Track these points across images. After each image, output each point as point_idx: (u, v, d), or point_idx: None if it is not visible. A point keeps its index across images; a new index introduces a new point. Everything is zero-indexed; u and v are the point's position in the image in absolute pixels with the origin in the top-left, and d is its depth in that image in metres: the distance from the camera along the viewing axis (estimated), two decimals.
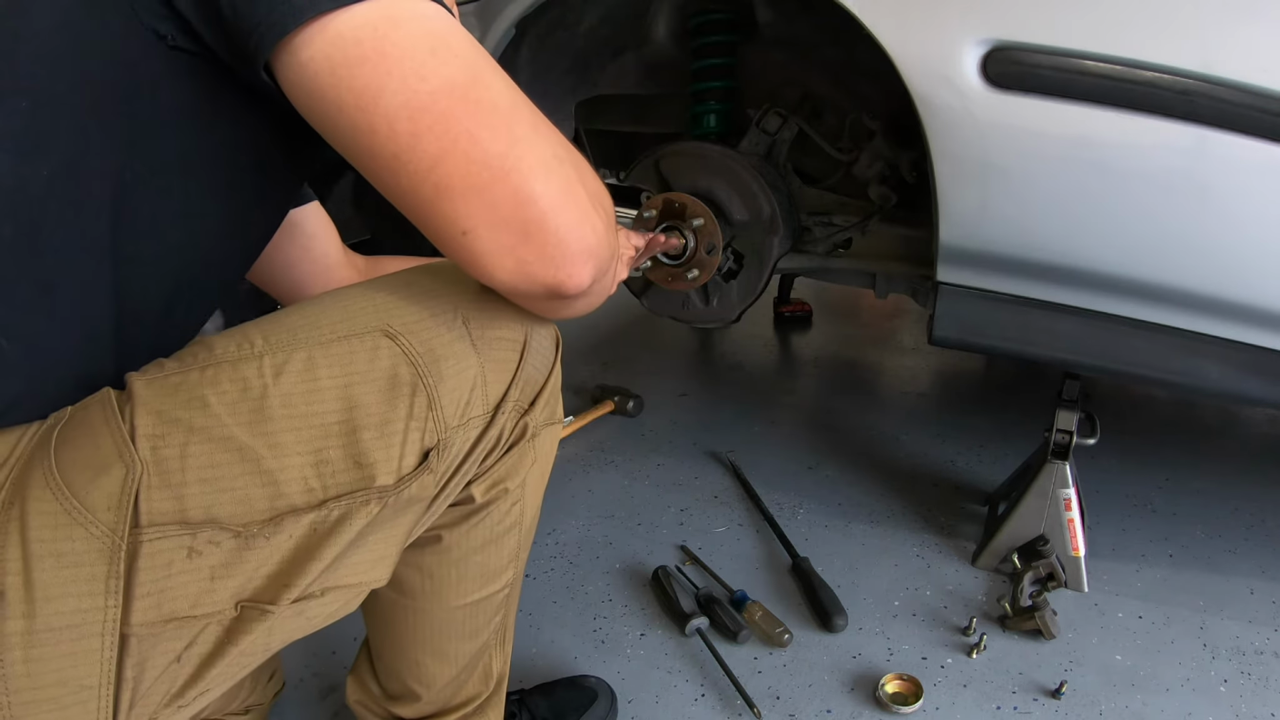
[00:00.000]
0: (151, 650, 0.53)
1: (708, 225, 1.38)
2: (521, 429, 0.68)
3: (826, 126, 1.54)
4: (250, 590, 0.55)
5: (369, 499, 0.57)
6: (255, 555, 0.55)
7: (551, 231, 0.56)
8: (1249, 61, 0.95)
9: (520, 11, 1.40)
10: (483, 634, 0.82)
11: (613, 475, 1.71)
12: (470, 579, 0.75)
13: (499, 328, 0.65)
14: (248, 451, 0.54)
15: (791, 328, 2.67)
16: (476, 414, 0.63)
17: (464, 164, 0.54)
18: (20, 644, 0.50)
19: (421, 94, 0.53)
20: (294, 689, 1.15)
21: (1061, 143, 1.04)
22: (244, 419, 0.55)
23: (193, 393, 0.55)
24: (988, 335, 1.21)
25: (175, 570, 0.53)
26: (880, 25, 1.09)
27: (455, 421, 0.61)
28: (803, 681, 1.15)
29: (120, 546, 0.51)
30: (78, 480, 0.51)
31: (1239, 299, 1.05)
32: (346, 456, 0.56)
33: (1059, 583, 1.28)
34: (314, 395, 0.56)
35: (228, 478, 0.54)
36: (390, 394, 0.57)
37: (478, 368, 0.62)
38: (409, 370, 0.58)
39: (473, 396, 0.62)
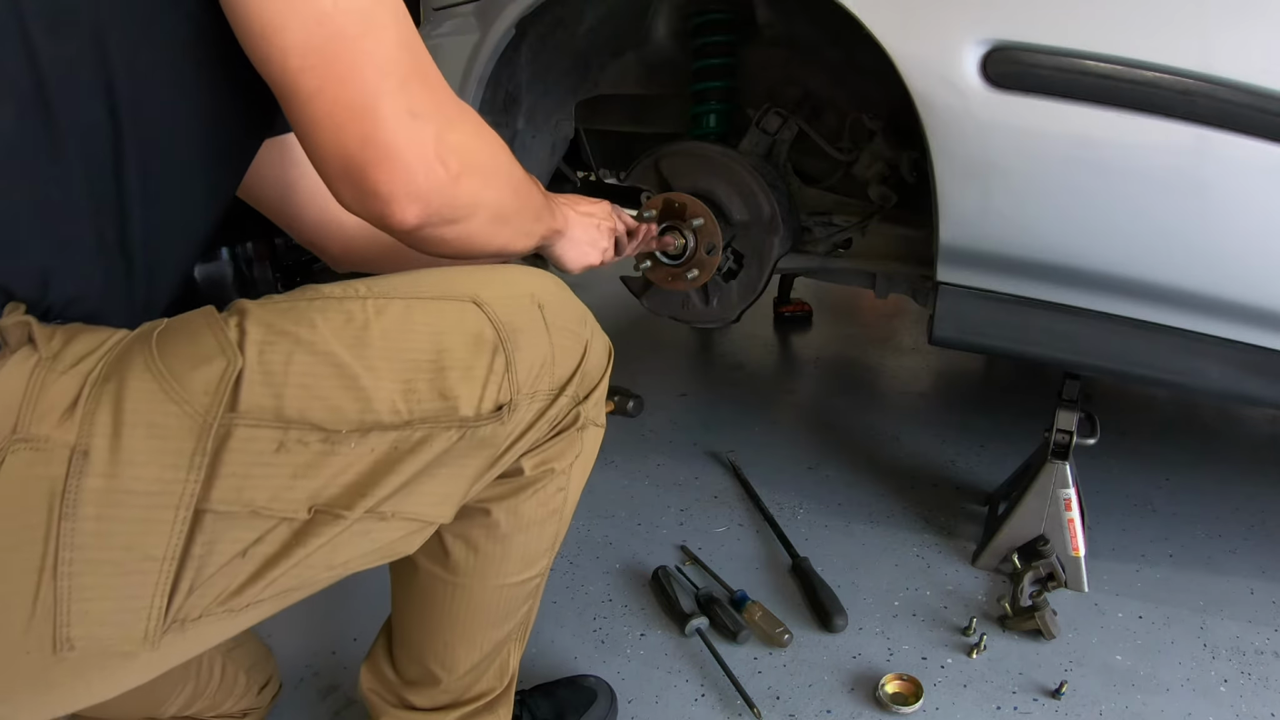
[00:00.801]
0: (221, 535, 0.55)
1: (708, 225, 1.38)
2: (574, 416, 0.74)
3: (826, 126, 1.54)
4: (326, 496, 0.58)
5: (450, 426, 0.62)
6: (337, 461, 0.59)
7: (383, 175, 0.60)
8: (1249, 61, 0.95)
9: (520, 11, 1.40)
10: (510, 621, 0.84)
11: (613, 475, 1.71)
12: (513, 559, 0.78)
13: (568, 322, 0.72)
14: (346, 369, 0.59)
15: (791, 328, 2.67)
16: (543, 389, 0.69)
17: (331, 103, 0.59)
18: (95, 501, 0.52)
19: (316, 36, 0.58)
20: (294, 689, 1.15)
21: (1062, 143, 1.04)
22: (346, 342, 0.60)
23: (302, 315, 0.60)
24: (988, 335, 1.21)
25: (261, 461, 0.56)
26: (880, 25, 1.09)
27: (526, 389, 0.67)
28: (803, 681, 1.15)
29: (211, 427, 0.54)
30: (179, 367, 0.55)
31: (1239, 299, 1.05)
32: (433, 389, 0.61)
33: (1059, 583, 1.28)
34: (409, 335, 0.62)
35: (325, 388, 0.58)
36: (475, 348, 0.64)
37: (549, 349, 0.69)
38: (492, 333, 0.65)
39: (541, 372, 0.68)
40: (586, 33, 1.55)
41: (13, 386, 0.52)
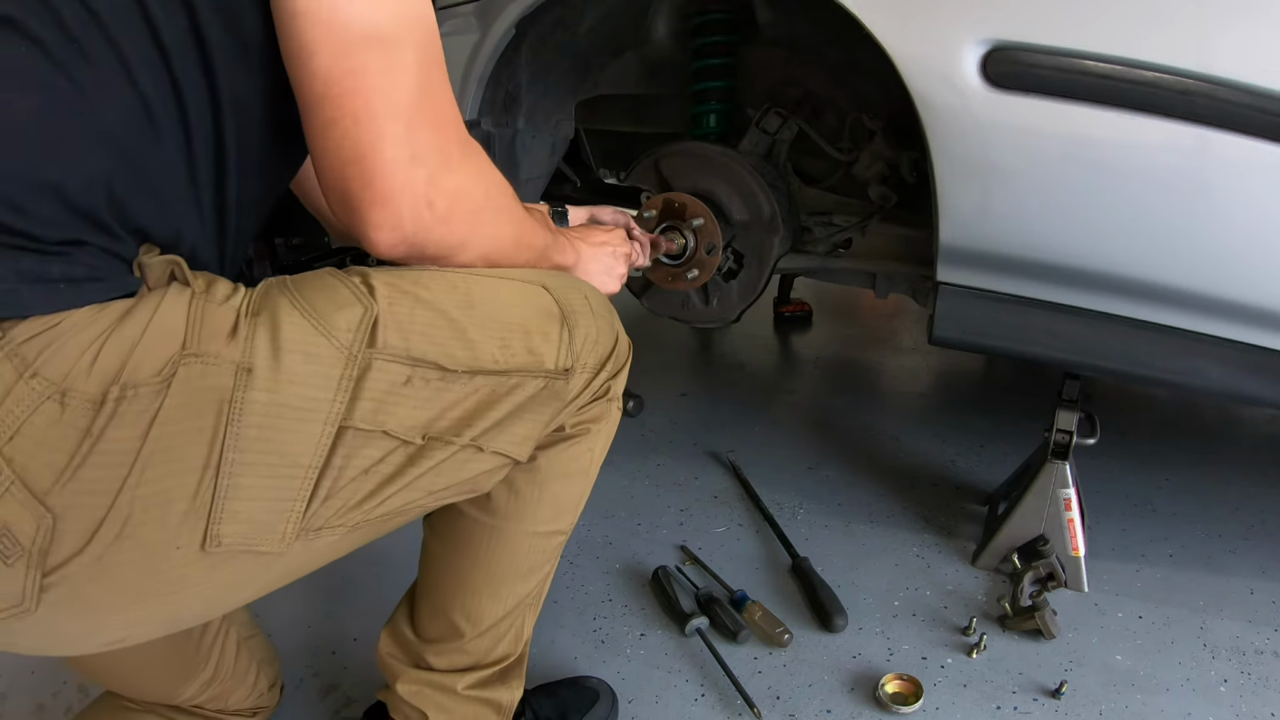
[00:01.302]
0: (356, 451, 0.64)
1: (708, 225, 1.38)
2: (606, 389, 0.85)
3: (826, 126, 1.54)
4: (439, 426, 0.68)
5: (537, 376, 0.74)
6: (450, 396, 0.68)
7: (372, 218, 0.66)
8: (1249, 61, 0.95)
9: (520, 11, 1.40)
10: (533, 578, 0.90)
11: (613, 475, 1.71)
12: (545, 506, 0.86)
13: (608, 312, 0.84)
14: (457, 324, 0.69)
15: (791, 328, 2.67)
16: (591, 361, 0.80)
17: (339, 138, 0.64)
18: (258, 411, 0.59)
19: (339, 68, 0.63)
20: (294, 689, 1.15)
21: (1062, 142, 1.04)
22: (455, 303, 0.70)
23: (416, 279, 0.70)
24: (988, 335, 1.21)
25: (394, 390, 0.65)
26: (880, 25, 1.09)
27: (581, 359, 0.79)
28: (803, 681, 1.15)
29: (356, 358, 0.63)
30: (324, 308, 0.64)
31: (1239, 299, 1.05)
32: (523, 346, 0.73)
33: (1059, 583, 1.28)
34: (499, 303, 0.73)
35: (441, 337, 0.68)
36: (548, 319, 0.75)
37: (595, 330, 0.80)
38: (558, 310, 0.77)
39: (591, 347, 0.80)
40: (586, 33, 1.55)
41: (176, 312, 0.59)
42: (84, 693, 1.15)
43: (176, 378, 0.57)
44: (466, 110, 1.53)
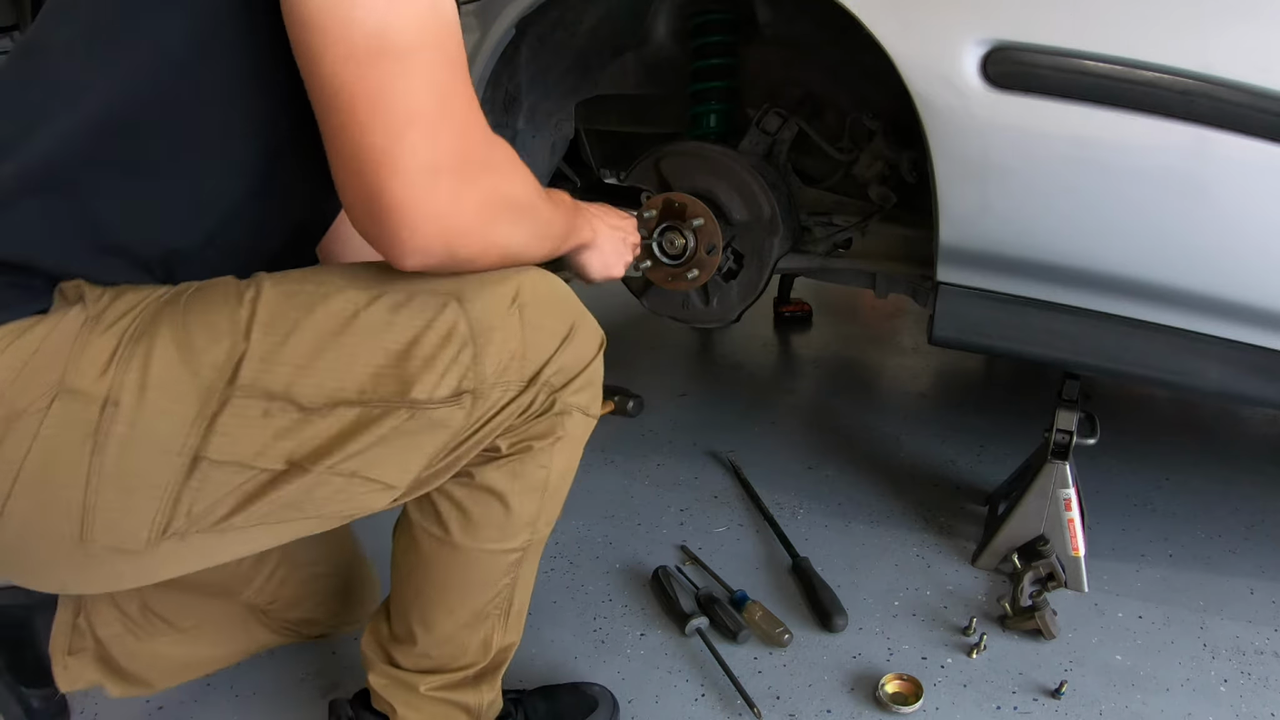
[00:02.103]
0: (210, 477, 0.68)
1: (708, 225, 1.38)
2: (550, 402, 0.81)
3: (826, 126, 1.54)
4: (299, 454, 0.70)
5: (400, 407, 0.71)
6: (309, 429, 0.70)
7: (391, 227, 0.67)
8: (1249, 61, 0.95)
9: (520, 11, 1.40)
10: (487, 592, 0.88)
11: (613, 475, 1.71)
12: (492, 524, 0.84)
13: (547, 318, 0.79)
14: (329, 353, 0.70)
15: (791, 328, 2.67)
16: (513, 379, 0.76)
17: (351, 145, 0.65)
18: (120, 441, 0.65)
19: (343, 73, 0.64)
20: (294, 688, 1.15)
21: (1061, 143, 1.04)
22: (336, 329, 0.70)
23: (306, 300, 0.71)
24: (988, 335, 1.21)
25: (249, 424, 0.68)
26: (880, 25, 1.09)
27: (492, 379, 0.75)
28: (803, 681, 1.15)
29: (215, 395, 0.67)
30: (198, 342, 0.68)
31: (1239, 299, 1.05)
32: (395, 375, 0.71)
33: (1059, 583, 1.28)
34: (389, 328, 0.71)
35: (310, 368, 0.69)
36: (444, 342, 0.72)
37: (522, 343, 0.76)
38: (465, 329, 0.73)
39: (510, 364, 0.76)
40: (586, 33, 1.55)
41: (64, 339, 0.65)
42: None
43: (51, 410, 0.64)
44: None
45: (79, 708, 1.12)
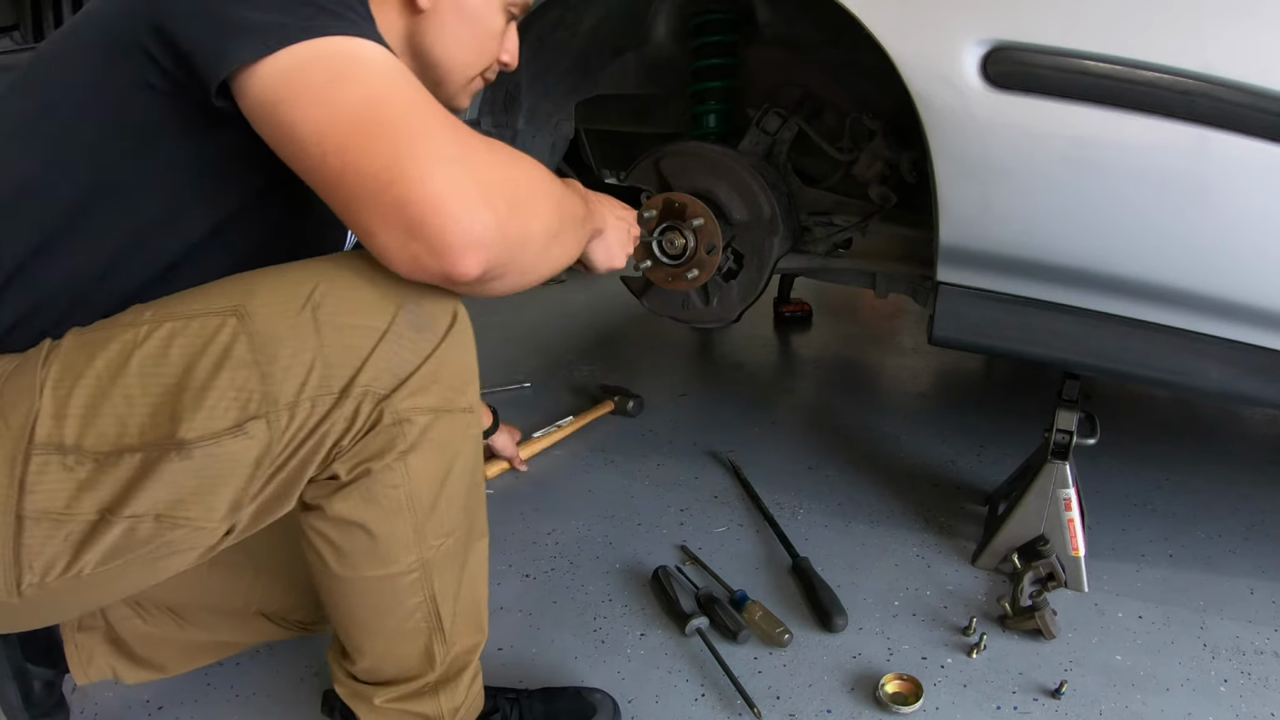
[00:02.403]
0: (35, 532, 0.69)
1: (708, 225, 1.38)
2: (377, 414, 0.73)
3: (826, 126, 1.54)
4: (106, 502, 0.70)
5: (170, 448, 0.69)
6: (108, 476, 0.69)
7: (434, 230, 0.65)
8: (1249, 61, 0.95)
9: None
10: (396, 612, 0.85)
11: (613, 475, 1.71)
12: (360, 554, 0.80)
13: (354, 315, 0.71)
14: (109, 398, 0.69)
15: (791, 328, 2.67)
16: (318, 394, 0.70)
17: (358, 177, 0.65)
18: None
19: (324, 123, 0.66)
20: (294, 688, 1.15)
21: (1062, 143, 1.04)
22: (114, 372, 0.69)
23: (90, 348, 0.71)
24: (988, 335, 1.21)
25: (53, 478, 0.69)
26: (880, 25, 1.09)
27: (289, 398, 0.70)
28: (803, 681, 1.15)
29: (18, 457, 0.68)
30: (8, 405, 0.70)
31: (1239, 299, 1.05)
32: (167, 412, 0.69)
33: (1059, 583, 1.28)
34: (163, 362, 0.69)
35: (95, 417, 0.69)
36: (218, 366, 0.69)
37: (315, 351, 0.70)
38: (244, 347, 0.69)
39: (310, 378, 0.70)
40: (586, 33, 1.55)
41: None
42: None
43: None
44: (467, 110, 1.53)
45: (79, 707, 1.12)
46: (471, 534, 0.88)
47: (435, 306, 0.75)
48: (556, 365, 2.35)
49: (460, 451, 0.80)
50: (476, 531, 0.90)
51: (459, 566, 0.87)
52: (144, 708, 1.12)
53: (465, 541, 0.87)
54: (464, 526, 0.85)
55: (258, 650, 1.20)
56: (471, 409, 0.80)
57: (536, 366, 2.33)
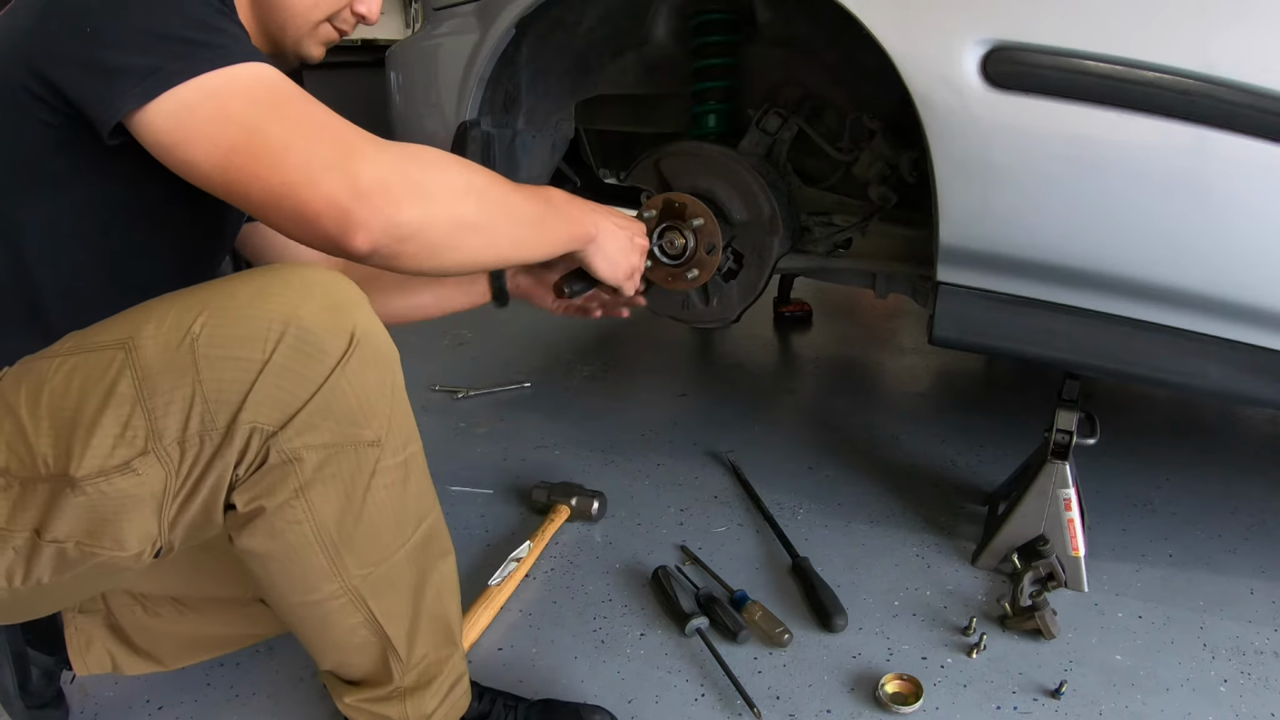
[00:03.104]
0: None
1: (708, 225, 1.38)
2: (265, 452, 0.72)
3: (826, 126, 1.54)
4: (36, 523, 0.72)
5: (65, 485, 0.70)
6: (31, 501, 0.72)
7: (325, 223, 0.71)
8: (1249, 61, 0.95)
9: (520, 11, 1.40)
10: (335, 629, 0.84)
11: (613, 475, 1.71)
12: (280, 582, 0.81)
13: (233, 346, 0.70)
14: (28, 428, 0.71)
15: (791, 328, 2.67)
16: (204, 431, 0.70)
17: (260, 194, 0.71)
18: None
19: (219, 159, 0.71)
20: (294, 688, 1.15)
21: (1061, 142, 1.04)
22: (29, 404, 0.71)
23: (19, 379, 0.74)
24: (988, 335, 1.21)
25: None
26: (880, 25, 1.09)
27: (174, 435, 0.70)
28: (803, 681, 1.15)
29: None
30: None
31: (1239, 299, 1.05)
32: (64, 447, 0.70)
33: (1059, 583, 1.28)
34: (65, 395, 0.71)
35: (17, 443, 0.71)
36: (106, 401, 0.69)
37: (195, 387, 0.69)
38: (129, 383, 0.69)
39: (193, 414, 0.70)
40: (586, 33, 1.55)
41: None
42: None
43: None
44: (467, 110, 1.53)
45: (79, 707, 1.12)
46: (426, 554, 0.86)
47: (326, 332, 0.72)
48: (556, 365, 2.35)
49: (372, 485, 0.77)
50: (434, 552, 0.88)
51: (407, 589, 0.86)
52: (144, 707, 1.12)
53: (412, 564, 0.85)
54: (402, 552, 0.83)
55: (257, 650, 1.20)
56: (376, 442, 0.76)
57: (537, 366, 2.33)
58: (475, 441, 1.89)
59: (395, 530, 0.82)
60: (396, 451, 0.79)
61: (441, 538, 0.90)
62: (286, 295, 0.72)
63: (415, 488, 0.83)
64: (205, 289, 0.74)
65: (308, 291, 0.73)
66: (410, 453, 0.81)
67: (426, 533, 0.86)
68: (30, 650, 1.04)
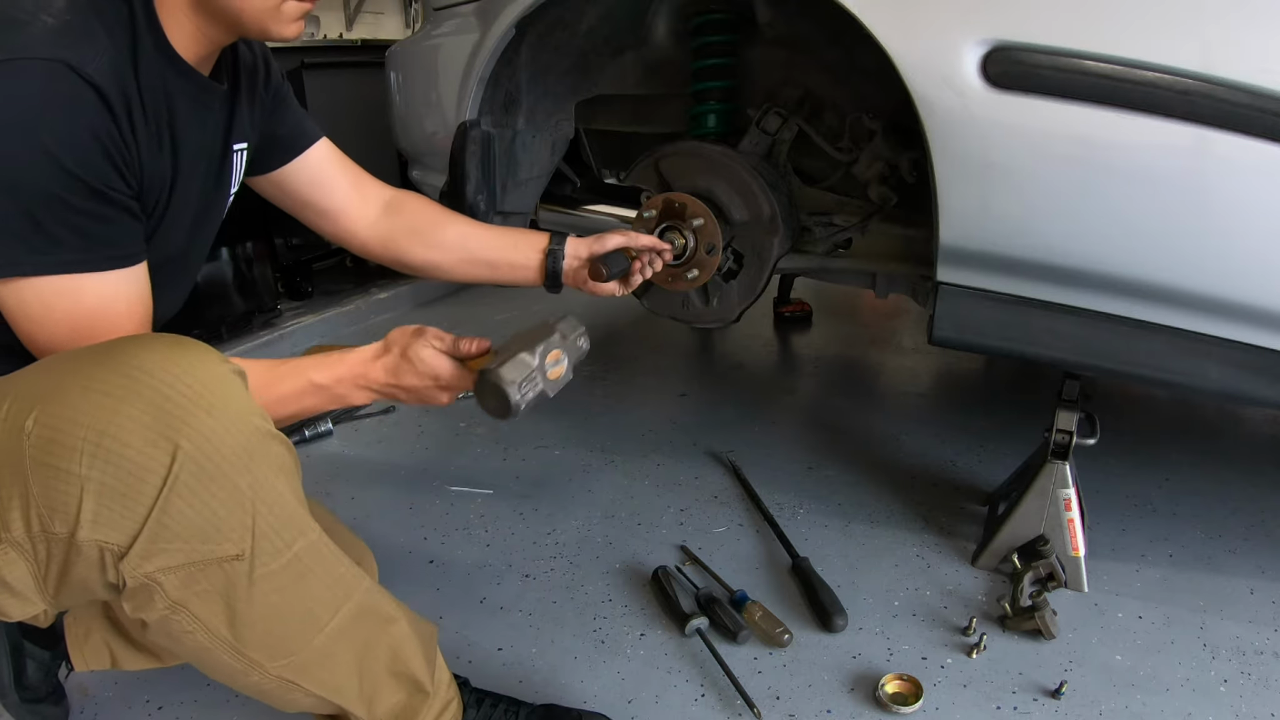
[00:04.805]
0: None
1: (708, 225, 1.38)
2: (122, 577, 0.67)
3: (826, 127, 1.54)
4: None
5: None
6: None
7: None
8: (1249, 61, 0.95)
9: (520, 11, 1.40)
10: (279, 702, 0.84)
11: (613, 475, 1.71)
12: (206, 669, 0.79)
13: (55, 454, 0.64)
14: None
15: (791, 328, 2.67)
16: (47, 535, 0.65)
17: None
18: None
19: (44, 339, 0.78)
20: None
21: (1061, 142, 1.04)
22: None
23: None
24: (988, 335, 1.21)
25: None
26: (880, 25, 1.09)
27: (18, 533, 0.65)
28: (803, 681, 1.15)
29: None
30: None
31: (1239, 299, 1.05)
32: None
33: (1059, 583, 1.28)
34: None
35: None
36: None
37: (25, 489, 0.64)
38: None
39: (31, 517, 0.65)
40: (586, 33, 1.55)
41: None
42: None
43: None
44: (467, 110, 1.53)
45: (78, 706, 1.12)
46: (361, 629, 0.84)
47: (146, 445, 0.64)
48: None
49: (254, 594, 0.72)
50: (372, 623, 0.85)
51: (347, 663, 0.84)
52: (144, 707, 1.12)
53: (344, 642, 0.82)
54: (323, 637, 0.80)
55: None
56: (241, 555, 0.70)
57: None
58: (475, 441, 1.89)
59: (305, 623, 0.78)
60: (276, 555, 0.73)
61: (378, 609, 0.86)
62: (108, 396, 0.64)
63: (320, 579, 0.79)
64: (54, 370, 0.69)
65: (131, 389, 0.64)
66: (300, 548, 0.75)
67: (353, 612, 0.82)
68: (26, 644, 1.03)
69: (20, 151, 0.70)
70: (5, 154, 0.70)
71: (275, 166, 1.11)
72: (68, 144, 0.72)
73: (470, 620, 1.28)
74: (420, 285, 3.10)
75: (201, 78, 0.90)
